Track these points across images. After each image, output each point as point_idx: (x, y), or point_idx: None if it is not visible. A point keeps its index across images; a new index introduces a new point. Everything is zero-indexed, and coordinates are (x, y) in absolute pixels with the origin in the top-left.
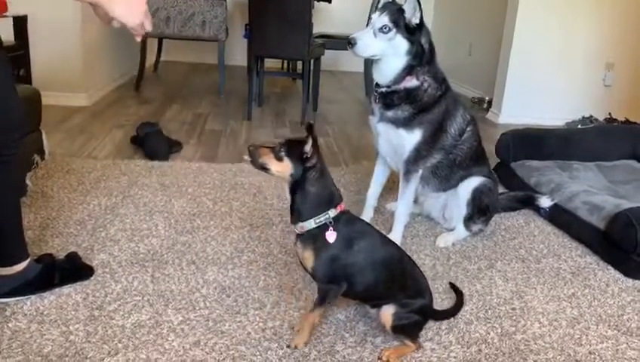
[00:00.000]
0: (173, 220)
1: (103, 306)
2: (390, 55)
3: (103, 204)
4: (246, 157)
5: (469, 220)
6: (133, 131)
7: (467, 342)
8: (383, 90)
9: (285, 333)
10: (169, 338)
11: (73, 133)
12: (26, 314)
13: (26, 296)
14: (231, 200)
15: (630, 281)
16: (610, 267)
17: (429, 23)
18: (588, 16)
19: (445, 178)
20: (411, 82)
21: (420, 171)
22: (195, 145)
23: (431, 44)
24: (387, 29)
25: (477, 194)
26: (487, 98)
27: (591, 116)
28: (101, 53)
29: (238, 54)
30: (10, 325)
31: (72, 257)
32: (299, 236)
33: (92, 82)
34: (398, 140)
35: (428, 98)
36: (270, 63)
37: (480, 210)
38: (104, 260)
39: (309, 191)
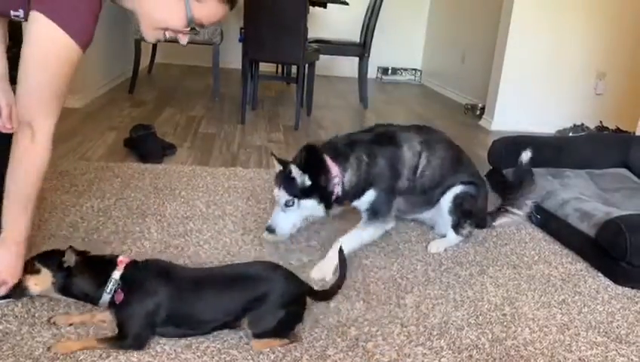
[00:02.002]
0: (165, 223)
1: (94, 309)
2: (308, 214)
3: (96, 206)
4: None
5: (457, 226)
6: (126, 133)
7: (458, 347)
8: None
9: None
10: (160, 342)
11: (66, 135)
12: (17, 316)
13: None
14: (224, 204)
15: (620, 288)
16: (600, 274)
17: (423, 29)
18: (580, 26)
19: (424, 201)
20: (337, 195)
21: (390, 223)
22: (188, 148)
23: (319, 159)
24: (291, 202)
25: (457, 202)
26: (480, 105)
27: (582, 124)
28: (95, 55)
29: (233, 58)
30: (0, 327)
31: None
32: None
33: (85, 84)
34: (358, 207)
35: (360, 181)
36: (265, 67)
37: (464, 215)
38: None
39: (79, 282)
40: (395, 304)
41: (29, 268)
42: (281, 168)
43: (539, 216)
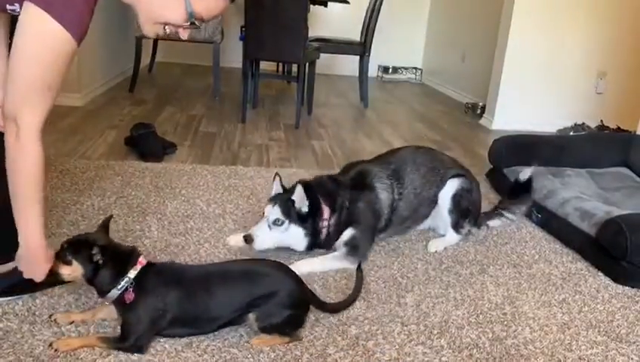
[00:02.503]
0: (166, 222)
1: (94, 307)
2: (291, 241)
3: (97, 204)
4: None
5: (456, 225)
6: (127, 132)
7: (458, 346)
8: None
9: None
10: (161, 340)
11: (66, 133)
12: (17, 315)
13: (18, 296)
14: (224, 203)
15: (620, 288)
16: (600, 273)
17: (423, 28)
18: (581, 25)
19: (416, 218)
20: (320, 237)
21: (365, 257)
22: (189, 146)
23: (331, 195)
24: (280, 221)
25: (456, 200)
26: (480, 104)
27: (583, 123)
28: (95, 54)
29: (233, 56)
30: (1, 325)
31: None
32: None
33: (86, 82)
34: (335, 245)
35: (341, 225)
36: (265, 66)
37: (463, 214)
38: None
39: (102, 274)
40: (396, 303)
41: (62, 258)
42: (280, 191)
43: (539, 215)
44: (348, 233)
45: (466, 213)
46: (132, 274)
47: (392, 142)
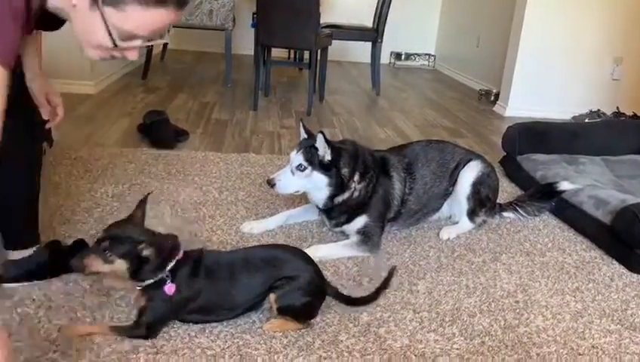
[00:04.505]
0: (179, 209)
1: (110, 293)
2: (312, 189)
3: (110, 191)
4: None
5: (472, 213)
6: (140, 120)
7: (470, 334)
8: (321, 208)
9: None
10: (174, 326)
11: (80, 121)
12: (34, 300)
13: (33, 283)
14: (237, 190)
15: (634, 276)
16: (614, 262)
17: (436, 13)
18: (597, 10)
19: (425, 212)
20: (342, 196)
21: (376, 251)
22: (201, 134)
23: (355, 153)
24: (303, 167)
25: (476, 188)
26: (494, 90)
27: (598, 110)
28: None
29: (245, 43)
30: (19, 310)
31: (80, 245)
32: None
33: (99, 70)
34: (346, 232)
35: (360, 199)
36: (277, 53)
37: (480, 202)
38: None
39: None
40: (408, 290)
41: (102, 256)
42: (306, 136)
43: (553, 203)
44: (361, 221)
45: (484, 202)
46: (169, 266)
47: (405, 130)
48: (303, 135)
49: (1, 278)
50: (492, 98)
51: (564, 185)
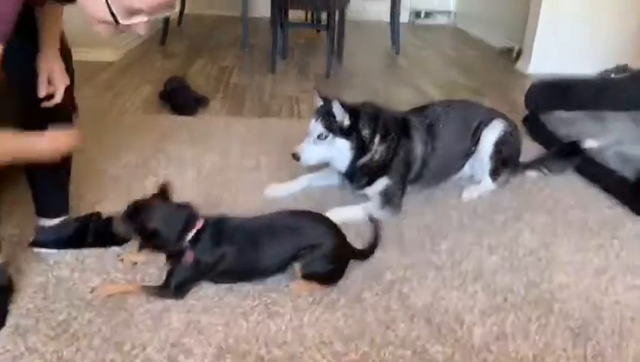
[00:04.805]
0: (203, 174)
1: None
2: (335, 155)
3: (135, 158)
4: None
5: (494, 173)
6: (160, 86)
7: (493, 291)
8: (342, 172)
9: None
10: (204, 286)
11: (102, 88)
12: (68, 264)
13: (60, 249)
14: (258, 155)
15: None
16: (639, 219)
17: None
18: None
19: (446, 173)
20: (364, 159)
21: (397, 214)
22: (221, 99)
23: (375, 115)
24: (324, 135)
25: (499, 147)
26: (516, 47)
27: (625, 65)
28: None
29: (262, 6)
30: (54, 273)
31: (111, 221)
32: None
33: (118, 37)
34: (368, 194)
35: (381, 161)
36: (294, 15)
37: (503, 162)
38: None
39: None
40: (430, 250)
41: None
42: (322, 103)
43: (577, 161)
44: (382, 182)
45: (506, 162)
46: (189, 236)
47: (425, 90)
48: (319, 102)
49: (33, 243)
50: (514, 55)
51: (589, 143)
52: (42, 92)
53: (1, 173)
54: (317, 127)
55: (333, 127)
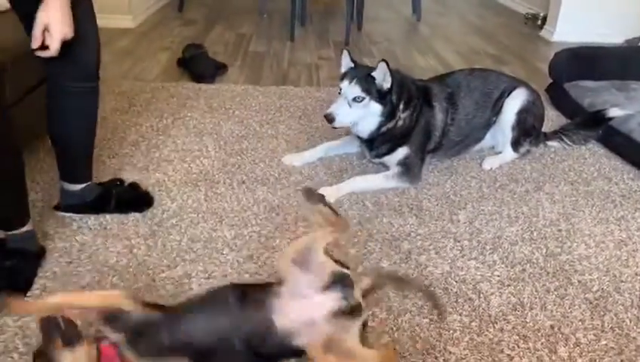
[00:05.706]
0: (222, 142)
1: (161, 223)
2: (365, 119)
3: (155, 125)
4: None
5: (516, 143)
6: (179, 53)
7: (511, 261)
8: (365, 138)
9: None
10: (224, 252)
11: (120, 55)
12: (91, 229)
13: (83, 214)
14: (277, 123)
15: None
16: None
17: None
18: None
19: (467, 143)
20: (387, 125)
21: (416, 183)
22: (239, 67)
23: (401, 82)
24: (360, 98)
25: (522, 116)
26: (541, 14)
27: None
28: None
29: None
30: (77, 238)
31: (133, 187)
32: None
33: (136, 3)
34: (387, 163)
35: (404, 130)
36: None
37: (525, 132)
38: (159, 179)
39: None
40: (448, 220)
41: None
42: (352, 65)
43: (601, 131)
44: (402, 152)
45: (529, 132)
46: None
47: (447, 58)
48: (348, 64)
49: (57, 206)
50: (539, 22)
51: (613, 112)
52: (34, 43)
53: (28, 138)
54: (353, 89)
55: (370, 90)
